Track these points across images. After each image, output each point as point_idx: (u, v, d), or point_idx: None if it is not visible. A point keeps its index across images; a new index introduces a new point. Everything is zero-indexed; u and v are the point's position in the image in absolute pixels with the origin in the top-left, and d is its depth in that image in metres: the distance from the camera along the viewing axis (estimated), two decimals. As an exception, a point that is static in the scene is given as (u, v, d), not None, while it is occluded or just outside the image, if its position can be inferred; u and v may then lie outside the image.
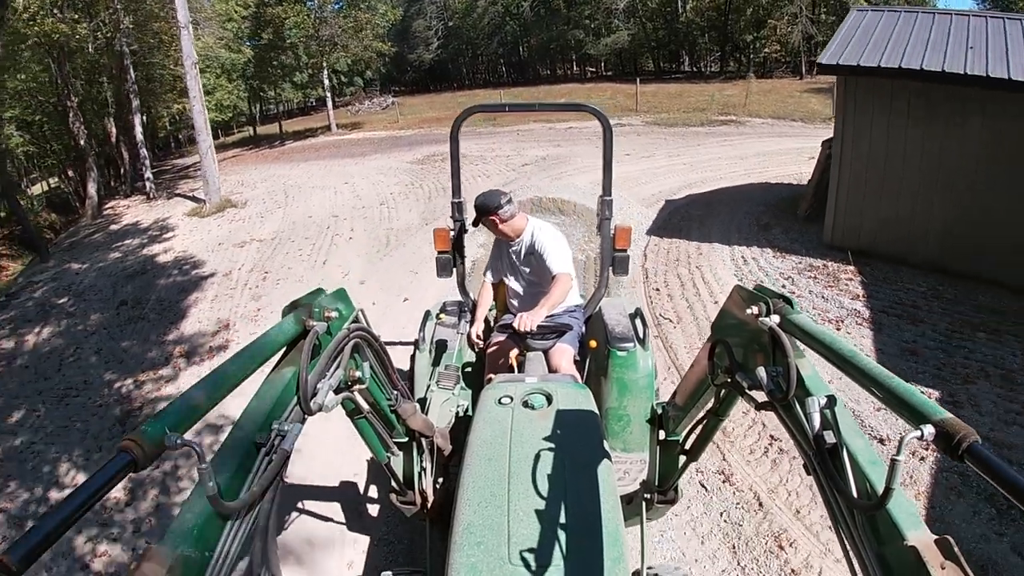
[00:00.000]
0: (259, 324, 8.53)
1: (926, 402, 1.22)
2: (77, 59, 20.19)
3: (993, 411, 5.36)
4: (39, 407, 7.28)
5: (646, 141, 19.56)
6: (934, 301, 7.26)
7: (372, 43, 33.19)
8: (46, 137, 23.87)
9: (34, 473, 6.00)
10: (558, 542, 1.99)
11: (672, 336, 6.94)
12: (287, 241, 12.19)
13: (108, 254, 13.75)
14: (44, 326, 9.89)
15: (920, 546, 1.20)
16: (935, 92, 7.40)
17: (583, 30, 45.56)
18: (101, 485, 1.06)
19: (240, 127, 43.68)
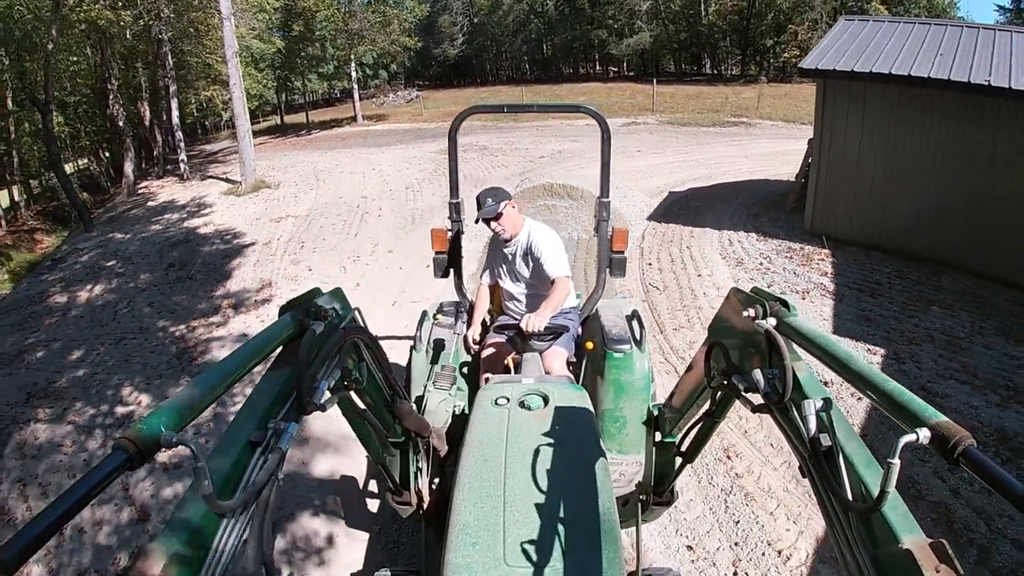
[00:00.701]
0: (298, 283, 9.70)
1: (921, 405, 1.25)
2: (116, 44, 21.13)
3: (932, 368, 6.27)
4: (98, 348, 8.33)
5: (658, 139, 20.51)
6: (897, 280, 8.19)
7: (399, 37, 34.10)
8: (80, 118, 24.93)
9: (98, 396, 7.02)
10: (554, 543, 2.02)
11: (657, 300, 7.97)
12: (320, 217, 13.30)
13: (149, 226, 14.93)
14: (95, 284, 11.04)
15: (915, 549, 1.21)
16: (903, 94, 8.32)
17: (606, 30, 46.14)
18: (95, 484, 1.07)
19: (265, 116, 44.82)
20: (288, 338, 1.88)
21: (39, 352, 8.45)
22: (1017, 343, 6.71)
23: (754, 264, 8.89)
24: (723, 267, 8.89)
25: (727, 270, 8.77)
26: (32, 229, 20.22)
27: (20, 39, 15.73)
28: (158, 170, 24.01)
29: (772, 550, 4.21)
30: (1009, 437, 5.26)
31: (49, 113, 16.90)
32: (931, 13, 36.29)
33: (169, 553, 1.18)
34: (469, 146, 19.71)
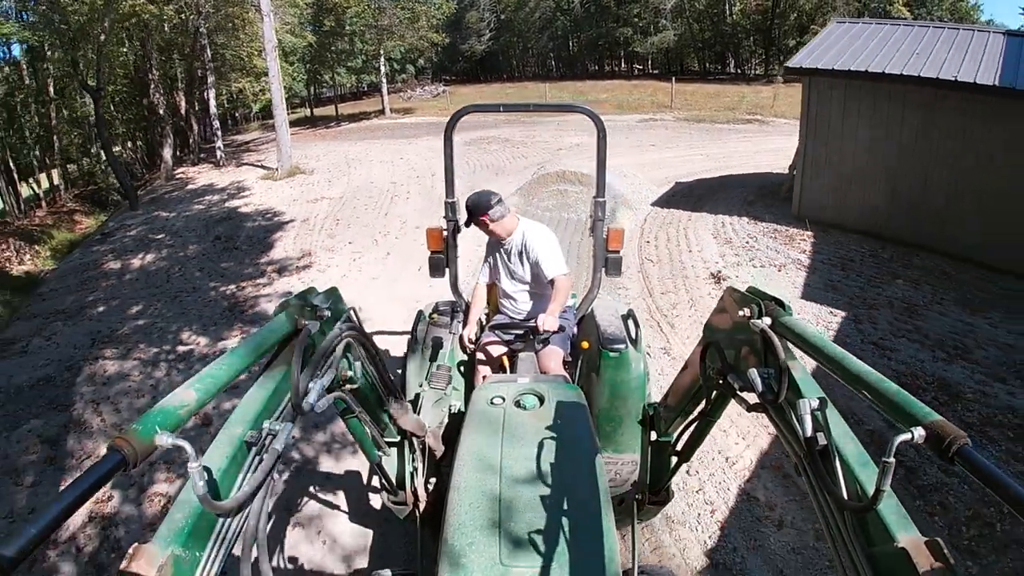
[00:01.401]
0: (335, 253, 10.89)
1: (917, 404, 1.26)
2: (155, 36, 22.20)
3: (887, 328, 7.20)
4: (155, 304, 9.45)
5: (672, 134, 21.42)
6: (869, 258, 9.11)
7: (427, 33, 34.97)
8: (117, 107, 25.91)
9: (159, 340, 8.12)
10: (549, 543, 2.05)
11: (650, 271, 9.03)
12: (353, 199, 14.47)
13: (192, 206, 16.17)
14: (146, 254, 12.25)
15: (910, 548, 1.22)
16: (879, 90, 9.23)
17: (631, 28, 46.89)
18: (91, 484, 1.07)
19: (294, 108, 46.05)
20: (283, 338, 1.89)
21: (100, 308, 9.59)
22: (973, 312, 7.54)
23: (741, 243, 9.86)
24: (713, 245, 9.88)
25: (716, 247, 9.76)
26: (71, 211, 21.15)
27: (77, 30, 16.76)
28: (193, 157, 25.26)
29: (721, 457, 5.20)
30: (950, 386, 6.10)
31: (101, 99, 18.12)
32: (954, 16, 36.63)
33: (164, 554, 1.21)
34: (492, 139, 20.79)
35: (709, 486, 4.82)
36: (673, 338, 7.07)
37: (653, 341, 6.99)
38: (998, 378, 6.24)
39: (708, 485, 4.83)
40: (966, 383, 6.17)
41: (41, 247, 16.51)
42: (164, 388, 6.87)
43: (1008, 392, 6.01)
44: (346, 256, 10.76)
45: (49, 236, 17.54)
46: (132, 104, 26.39)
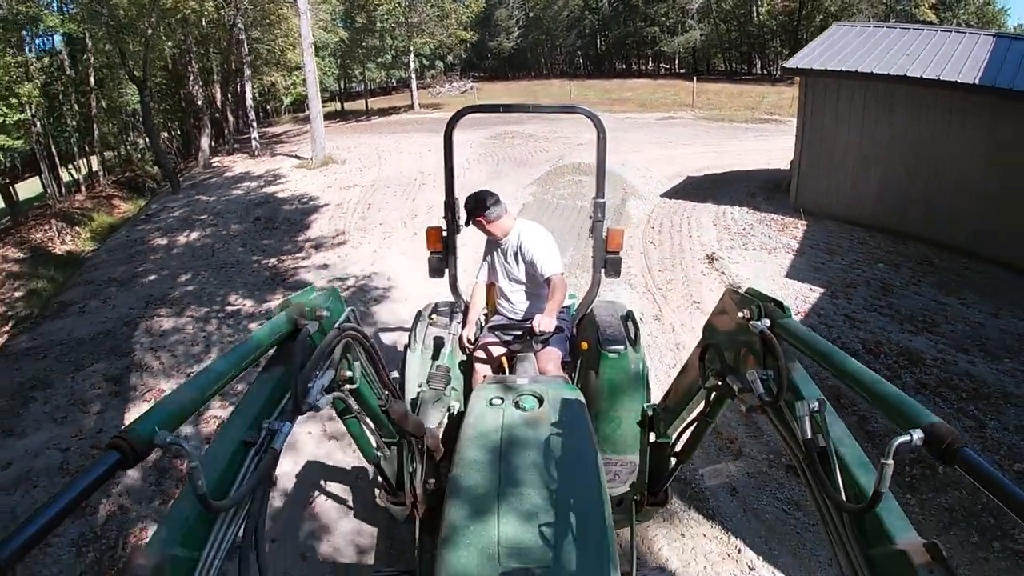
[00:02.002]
0: (367, 232, 11.93)
1: (916, 407, 1.28)
2: (194, 31, 23.39)
3: (861, 304, 7.92)
4: (202, 273, 10.43)
5: (690, 132, 22.15)
6: (856, 245, 9.85)
7: (456, 31, 36.06)
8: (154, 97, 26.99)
9: (209, 302, 9.11)
10: (547, 544, 2.05)
11: (652, 252, 9.92)
12: (383, 187, 15.49)
13: (231, 191, 17.34)
14: (191, 232, 13.32)
15: (909, 549, 1.23)
16: (869, 88, 9.98)
17: (658, 27, 47.27)
18: (89, 484, 1.08)
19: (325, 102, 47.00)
20: (282, 338, 1.90)
21: (150, 276, 10.62)
22: (948, 293, 8.17)
23: (738, 229, 10.67)
24: (712, 231, 10.70)
25: (714, 233, 10.58)
26: (109, 196, 22.15)
27: (125, 24, 17.91)
28: (228, 147, 26.47)
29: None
30: (912, 354, 6.74)
31: (146, 90, 19.22)
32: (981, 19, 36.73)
33: (163, 553, 1.22)
34: (516, 134, 21.71)
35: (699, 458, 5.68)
36: (664, 308, 7.94)
37: (647, 310, 7.87)
38: (961, 349, 6.83)
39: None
40: (929, 352, 6.78)
41: (82, 229, 17.54)
42: (216, 340, 7.89)
43: (968, 361, 6.59)
44: (377, 235, 11.73)
45: (89, 219, 18.53)
46: (169, 95, 27.68)
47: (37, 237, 16.05)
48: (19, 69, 17.73)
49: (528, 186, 14.58)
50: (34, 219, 17.93)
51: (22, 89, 17.13)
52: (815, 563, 4.20)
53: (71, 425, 6.24)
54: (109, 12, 17.38)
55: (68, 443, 5.93)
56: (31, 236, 16.07)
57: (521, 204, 13.01)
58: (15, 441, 6.06)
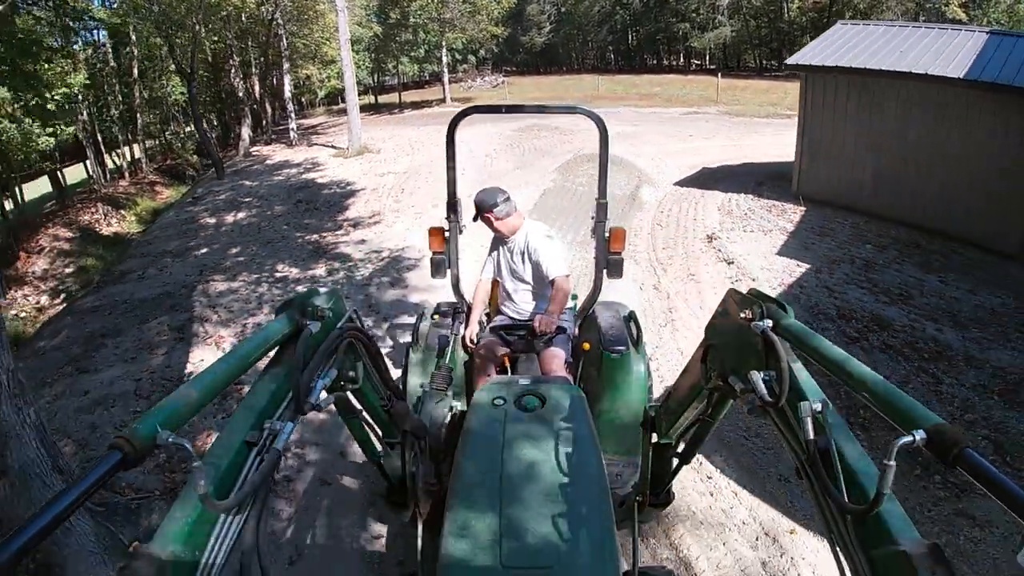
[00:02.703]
0: (401, 213, 13.07)
1: (918, 408, 1.30)
2: (234, 26, 24.55)
3: (842, 278, 8.65)
4: (250, 247, 11.57)
5: (712, 127, 22.84)
6: (850, 229, 10.61)
7: (487, 26, 36.94)
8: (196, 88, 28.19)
9: (258, 269, 10.21)
10: (549, 544, 2.07)
11: (657, 233, 10.89)
12: (416, 174, 16.62)
13: (273, 177, 18.60)
14: (237, 212, 14.53)
15: (911, 551, 1.24)
16: (865, 83, 10.76)
17: (689, 23, 47.69)
18: (91, 484, 1.10)
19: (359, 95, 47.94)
20: (284, 338, 1.92)
21: (203, 249, 11.77)
22: (928, 272, 8.77)
23: (740, 214, 11.53)
24: (715, 215, 11.58)
25: (717, 217, 11.46)
26: (152, 182, 23.28)
27: (176, 20, 19.07)
28: (266, 137, 27.76)
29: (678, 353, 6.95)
30: (882, 320, 7.35)
31: (193, 81, 20.46)
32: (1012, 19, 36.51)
33: (165, 553, 1.25)
34: (543, 126, 22.57)
35: (665, 370, 6.63)
36: (663, 279, 8.90)
37: (647, 280, 8.85)
38: (931, 318, 7.40)
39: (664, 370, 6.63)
40: (899, 319, 7.37)
41: (126, 212, 18.69)
42: (267, 299, 8.95)
43: (936, 329, 7.13)
44: (410, 216, 12.80)
45: (133, 203, 19.68)
46: (209, 87, 28.87)
47: (84, 219, 17.08)
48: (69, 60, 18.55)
49: (550, 173, 15.58)
50: (80, 202, 18.88)
51: (73, 79, 18.09)
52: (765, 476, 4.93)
53: (140, 364, 7.21)
54: (160, 9, 18.52)
55: (139, 376, 6.91)
56: (79, 218, 17.10)
57: (542, 189, 14.00)
58: (90, 376, 6.97)
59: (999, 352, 6.68)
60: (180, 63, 20.25)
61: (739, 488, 4.87)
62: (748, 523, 4.58)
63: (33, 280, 12.68)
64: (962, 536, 4.36)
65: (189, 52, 20.10)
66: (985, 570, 4.11)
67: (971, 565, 4.15)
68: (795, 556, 4.24)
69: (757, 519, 4.61)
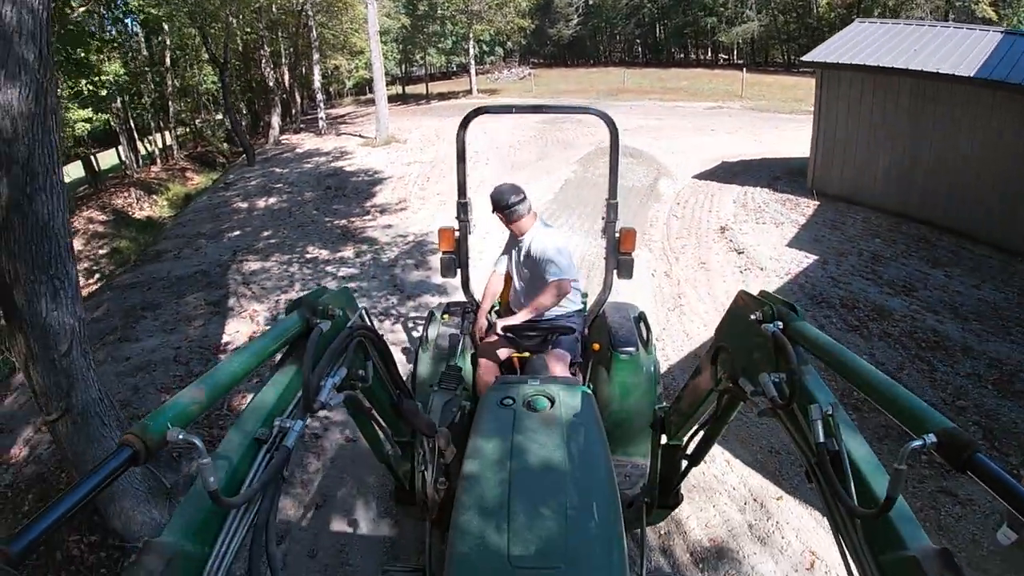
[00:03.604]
0: (426, 200, 13.55)
1: (929, 411, 1.29)
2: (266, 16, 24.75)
3: (849, 269, 8.89)
4: (282, 230, 12.05)
5: (735, 122, 23.00)
6: (860, 223, 10.83)
7: (514, 19, 37.17)
8: None
9: (290, 251, 10.69)
10: (557, 545, 2.07)
11: (673, 224, 11.24)
12: (441, 163, 17.04)
13: (302, 164, 19.08)
14: (268, 197, 15.01)
15: (920, 556, 1.24)
16: (877, 80, 10.97)
17: (717, 17, 47.35)
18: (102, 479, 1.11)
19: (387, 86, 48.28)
20: (295, 337, 1.94)
21: (235, 232, 12.21)
22: (935, 267, 8.92)
23: (754, 207, 11.82)
24: (730, 207, 11.89)
25: (732, 209, 11.76)
26: (183, 168, 24.09)
27: (211, 11, 19.59)
28: (295, 126, 28.29)
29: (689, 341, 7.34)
30: (883, 310, 7.58)
31: (226, 71, 20.99)
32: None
33: (174, 548, 1.26)
34: (567, 119, 22.75)
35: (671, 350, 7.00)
36: (675, 267, 9.27)
37: (659, 267, 9.21)
38: (932, 310, 7.55)
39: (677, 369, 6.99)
40: (900, 310, 7.54)
41: (158, 197, 19.36)
42: (298, 279, 9.40)
43: (937, 320, 7.31)
44: (434, 203, 13.24)
45: (165, 188, 20.35)
46: (240, 76, 29.38)
47: (118, 203, 17.78)
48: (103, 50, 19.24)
49: (571, 164, 15.96)
50: (113, 187, 19.57)
51: (109, 67, 18.78)
52: (757, 448, 5.23)
53: (179, 334, 7.63)
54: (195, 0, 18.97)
55: (179, 344, 7.37)
56: (112, 202, 17.77)
57: (563, 180, 14.38)
58: (131, 345, 7.38)
59: (997, 344, 6.82)
60: (213, 53, 20.75)
61: (732, 457, 5.21)
62: (738, 488, 4.90)
63: (68, 260, 13.19)
64: (943, 512, 4.53)
65: (222, 42, 20.65)
66: (964, 545, 4.26)
67: (951, 540, 4.27)
68: (780, 521, 4.54)
69: (747, 485, 4.93)
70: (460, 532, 2.15)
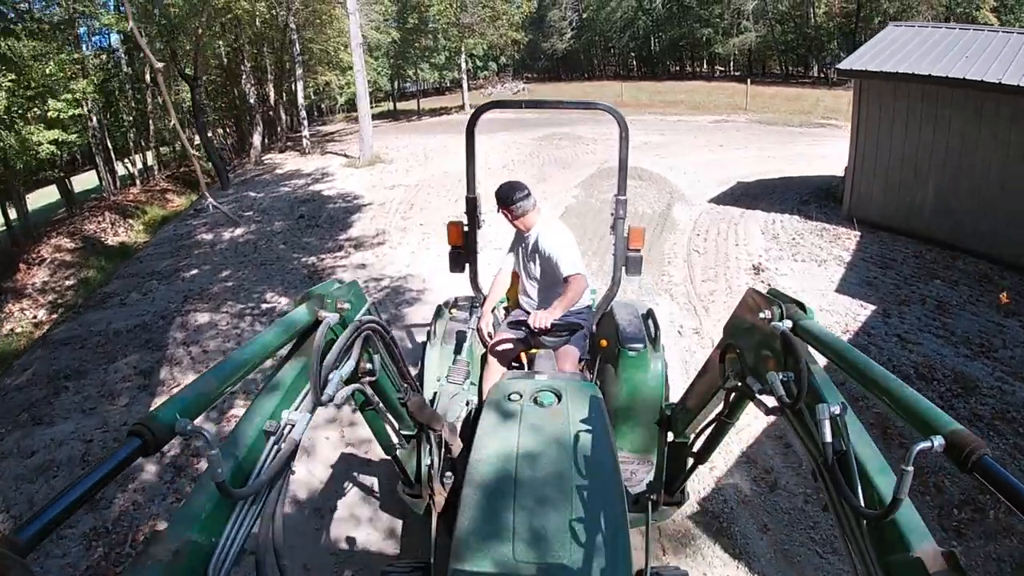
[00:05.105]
0: (407, 232, 11.97)
1: (937, 413, 1.27)
2: (247, 31, 23.76)
3: (915, 323, 7.50)
4: (242, 270, 10.62)
5: (743, 136, 21.70)
6: (912, 259, 9.38)
7: (507, 32, 36.05)
8: (210, 95, 27.25)
9: (246, 297, 9.27)
10: (562, 540, 2.06)
11: (696, 261, 9.65)
12: (427, 187, 15.56)
13: (279, 188, 17.65)
14: (235, 228, 13.55)
15: (926, 558, 1.22)
16: (927, 92, 9.47)
17: (712, 28, 46.65)
18: (111, 470, 1.11)
19: (378, 102, 47.61)
20: (303, 330, 1.93)
21: (192, 271, 10.86)
22: (1008, 315, 7.67)
23: (787, 239, 10.31)
24: (759, 239, 10.37)
25: (762, 242, 10.25)
26: (164, 190, 22.70)
27: (177, 24, 18.39)
28: (280, 144, 27.05)
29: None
30: (967, 380, 6.31)
31: (197, 88, 19.80)
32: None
33: (181, 539, 1.24)
34: (564, 135, 21.59)
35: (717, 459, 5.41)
36: (705, 321, 7.70)
37: (686, 322, 7.65)
38: (1020, 377, 6.37)
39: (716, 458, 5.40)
40: (985, 379, 6.34)
41: (134, 221, 18.01)
42: (248, 335, 7.94)
43: None
44: (416, 236, 11.71)
45: (143, 211, 19.06)
46: (224, 93, 28.19)
47: (90, 228, 16.47)
48: (75, 66, 18.19)
49: (572, 189, 14.44)
50: (89, 211, 18.38)
51: (77, 85, 17.55)
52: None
53: (97, 417, 6.45)
54: (161, 12, 17.91)
55: (92, 435, 6.15)
56: (84, 227, 16.47)
57: (564, 207, 12.90)
58: (43, 430, 6.30)
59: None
60: (182, 69, 19.61)
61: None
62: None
63: (32, 293, 11.94)
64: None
65: (192, 57, 19.41)
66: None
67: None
68: None
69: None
70: (465, 526, 2.14)
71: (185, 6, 17.90)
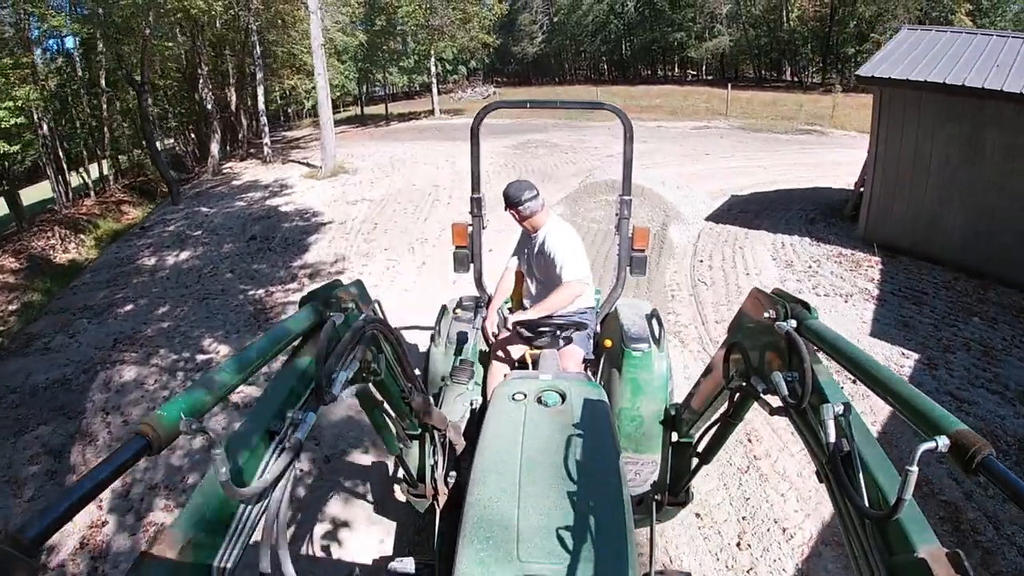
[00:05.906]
0: (371, 258, 10.60)
1: (941, 413, 1.25)
2: (206, 32, 22.51)
3: (964, 375, 6.41)
4: (182, 305, 9.25)
5: (728, 143, 20.73)
6: (943, 290, 8.31)
7: (478, 35, 34.94)
8: (169, 101, 26.35)
9: (181, 344, 7.91)
10: (567, 541, 2.06)
11: (704, 295, 8.40)
12: (393, 202, 14.19)
13: (234, 202, 16.15)
14: (181, 251, 12.19)
15: (930, 559, 1.21)
16: (957, 104, 8.41)
17: (685, 32, 46.43)
18: (115, 468, 1.09)
19: (346, 106, 46.35)
20: (308, 329, 1.90)
21: (127, 307, 9.48)
22: None
23: (803, 267, 9.17)
24: (772, 268, 9.22)
25: (776, 271, 9.10)
26: (119, 201, 21.29)
27: (120, 24, 16.97)
28: (242, 152, 25.60)
29: (777, 528, 4.54)
30: None
31: (144, 94, 18.35)
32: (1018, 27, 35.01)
33: (185, 538, 1.23)
34: (540, 143, 20.43)
35: (762, 564, 4.19)
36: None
37: (703, 374, 6.36)
38: None
39: (761, 563, 4.20)
40: None
41: (86, 236, 16.64)
42: (177, 394, 6.53)
43: None
44: (380, 264, 10.41)
45: (95, 226, 17.69)
46: (184, 99, 26.72)
47: (39, 245, 15.20)
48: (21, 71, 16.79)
49: (556, 205, 13.03)
50: (38, 226, 17.06)
51: (20, 92, 16.15)
52: None
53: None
54: (104, 12, 16.48)
55: None
56: (32, 244, 15.17)
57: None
58: None
59: None
60: (130, 73, 18.21)
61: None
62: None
63: (-32, 321, 10.53)
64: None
65: (138, 60, 17.94)
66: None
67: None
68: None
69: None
70: (469, 527, 2.13)
71: (128, 7, 16.36)
